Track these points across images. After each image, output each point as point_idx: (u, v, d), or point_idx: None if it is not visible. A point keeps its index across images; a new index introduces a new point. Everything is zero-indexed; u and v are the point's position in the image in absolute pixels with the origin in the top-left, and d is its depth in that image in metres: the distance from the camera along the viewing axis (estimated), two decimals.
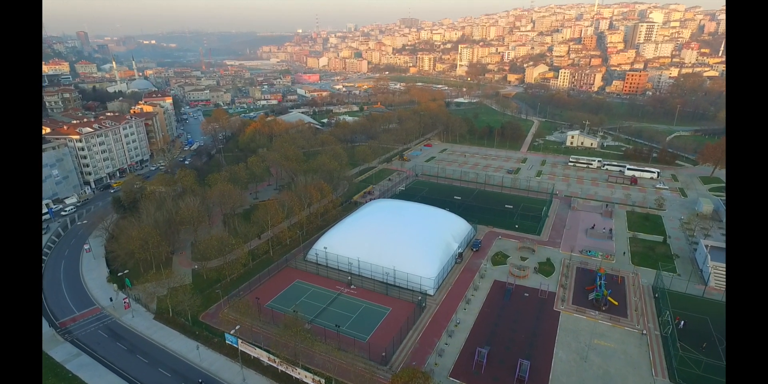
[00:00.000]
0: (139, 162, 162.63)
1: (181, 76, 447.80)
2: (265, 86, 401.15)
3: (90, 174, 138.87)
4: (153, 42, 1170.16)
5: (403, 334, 72.03)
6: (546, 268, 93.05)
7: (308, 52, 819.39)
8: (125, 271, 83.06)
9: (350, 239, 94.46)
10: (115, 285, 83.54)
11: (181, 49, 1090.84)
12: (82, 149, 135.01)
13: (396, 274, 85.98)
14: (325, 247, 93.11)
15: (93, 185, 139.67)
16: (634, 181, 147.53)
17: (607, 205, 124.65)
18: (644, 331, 71.72)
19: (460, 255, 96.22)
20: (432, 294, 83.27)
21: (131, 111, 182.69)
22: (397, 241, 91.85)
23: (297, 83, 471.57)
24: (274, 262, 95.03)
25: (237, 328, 64.13)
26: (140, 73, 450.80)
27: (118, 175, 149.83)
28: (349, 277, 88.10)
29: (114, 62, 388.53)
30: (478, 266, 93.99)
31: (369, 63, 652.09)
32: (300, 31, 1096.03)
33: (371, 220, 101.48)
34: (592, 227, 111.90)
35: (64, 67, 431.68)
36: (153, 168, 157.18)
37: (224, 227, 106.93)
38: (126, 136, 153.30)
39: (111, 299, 78.07)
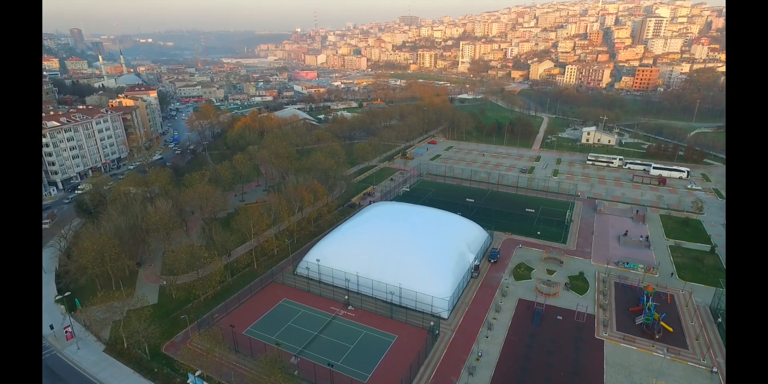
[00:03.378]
0: (116, 160, 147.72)
1: (174, 73, 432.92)
2: (261, 83, 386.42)
3: (56, 173, 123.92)
4: (149, 40, 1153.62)
5: (413, 370, 57.79)
6: (579, 283, 78.80)
7: (306, 49, 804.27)
8: (66, 293, 67.84)
9: (348, 249, 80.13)
10: (62, 307, 69.00)
11: (178, 48, 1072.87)
12: (47, 145, 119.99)
13: (402, 292, 71.64)
14: (318, 260, 78.65)
15: (60, 186, 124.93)
16: (662, 181, 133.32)
17: (638, 210, 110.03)
18: (714, 369, 57.43)
19: (477, 267, 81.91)
20: (446, 317, 69.02)
21: (109, 104, 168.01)
22: (403, 251, 77.56)
23: (294, 80, 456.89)
24: (259, 276, 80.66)
25: (198, 373, 49.57)
26: (130, 69, 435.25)
27: (90, 174, 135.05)
28: (347, 296, 73.73)
29: (100, 57, 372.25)
30: (498, 281, 79.74)
31: (368, 60, 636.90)
32: (299, 29, 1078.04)
33: (372, 227, 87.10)
34: (625, 234, 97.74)
35: (53, 63, 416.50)
36: (131, 167, 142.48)
37: (203, 235, 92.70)
38: (100, 131, 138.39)
39: (51, 327, 63.25)
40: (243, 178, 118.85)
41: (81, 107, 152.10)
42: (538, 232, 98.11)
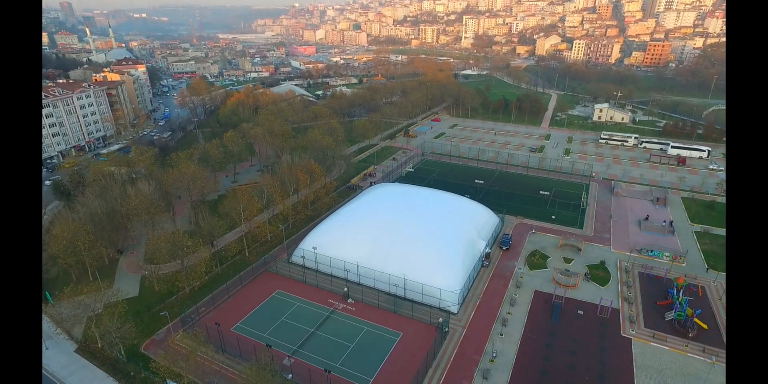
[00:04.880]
0: (101, 138, 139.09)
1: (167, 48, 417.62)
2: (257, 58, 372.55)
3: None
4: (143, 15, 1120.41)
5: (420, 373, 51.56)
6: (599, 273, 72.10)
7: (305, 25, 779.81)
8: None
9: (347, 236, 73.20)
10: None
11: (173, 23, 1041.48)
12: None
13: (407, 284, 64.98)
14: (315, 247, 71.75)
15: None
16: (681, 161, 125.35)
17: (657, 197, 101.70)
18: None
19: (488, 255, 75.04)
20: (456, 312, 62.53)
21: (93, 79, 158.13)
22: (408, 238, 70.71)
23: (291, 55, 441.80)
24: (250, 265, 74.01)
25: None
26: (121, 44, 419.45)
27: (73, 153, 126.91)
28: (346, 288, 67.10)
29: (88, 31, 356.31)
30: (511, 271, 73.10)
31: (368, 35, 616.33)
32: (297, 4, 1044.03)
33: (374, 211, 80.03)
34: (646, 218, 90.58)
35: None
36: (116, 146, 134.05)
37: (190, 219, 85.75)
38: (82, 107, 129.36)
39: None
40: (235, 158, 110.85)
41: (61, 81, 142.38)
42: (553, 217, 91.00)
